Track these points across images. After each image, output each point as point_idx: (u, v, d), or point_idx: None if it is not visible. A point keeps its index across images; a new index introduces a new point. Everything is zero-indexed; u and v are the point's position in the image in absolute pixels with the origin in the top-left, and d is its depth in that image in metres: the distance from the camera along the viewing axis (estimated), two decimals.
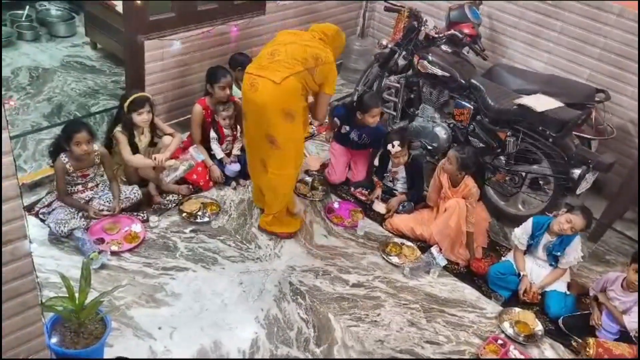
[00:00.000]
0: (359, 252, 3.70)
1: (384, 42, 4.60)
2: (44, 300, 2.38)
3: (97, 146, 3.45)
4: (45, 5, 5.73)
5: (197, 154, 3.86)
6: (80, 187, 3.50)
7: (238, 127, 4.11)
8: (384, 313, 3.27)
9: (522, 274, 3.48)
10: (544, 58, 4.58)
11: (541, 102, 3.76)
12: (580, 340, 3.20)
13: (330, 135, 4.42)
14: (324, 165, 4.38)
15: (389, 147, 3.90)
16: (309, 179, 4.25)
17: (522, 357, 3.08)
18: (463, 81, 4.10)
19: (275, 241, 3.66)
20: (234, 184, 4.08)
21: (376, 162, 4.27)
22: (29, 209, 3.46)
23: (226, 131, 4.07)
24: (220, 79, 3.90)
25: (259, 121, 3.33)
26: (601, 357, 3.02)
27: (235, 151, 4.13)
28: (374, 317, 3.23)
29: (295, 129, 3.37)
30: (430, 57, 4.20)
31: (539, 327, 3.28)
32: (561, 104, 3.77)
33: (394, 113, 4.57)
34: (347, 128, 4.19)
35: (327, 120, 4.43)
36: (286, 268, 3.48)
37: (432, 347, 3.11)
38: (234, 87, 4.36)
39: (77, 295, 2.60)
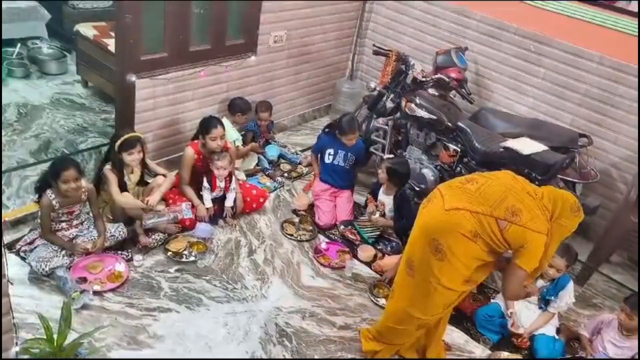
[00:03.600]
0: (346, 294, 3.65)
1: (373, 85, 4.70)
2: (20, 343, 2.31)
3: (84, 182, 3.42)
4: (37, 44, 5.78)
5: (187, 210, 3.81)
6: (64, 225, 3.44)
7: (233, 177, 4.09)
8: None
9: (510, 311, 3.45)
10: (528, 102, 4.69)
11: (527, 146, 3.83)
12: None
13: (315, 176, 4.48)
14: (311, 205, 4.38)
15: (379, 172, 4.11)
16: (296, 219, 4.24)
17: None
18: (450, 124, 4.16)
19: (263, 281, 3.61)
20: (221, 222, 4.05)
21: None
22: (10, 246, 3.40)
23: (219, 182, 4.00)
24: (211, 130, 3.86)
25: (412, 236, 2.84)
26: None
27: (229, 202, 4.05)
28: None
29: (442, 270, 2.68)
30: (417, 100, 4.27)
31: None
32: (546, 148, 3.84)
33: (382, 154, 4.61)
34: (332, 152, 4.29)
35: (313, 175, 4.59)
36: (273, 309, 3.42)
37: None
38: (232, 131, 4.40)
39: (55, 336, 2.53)
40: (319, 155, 4.45)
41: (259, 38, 4.63)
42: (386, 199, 4.12)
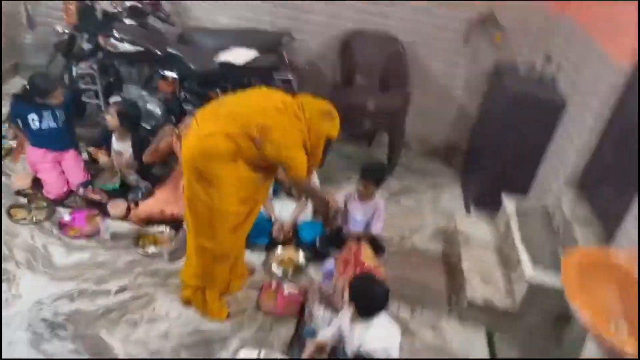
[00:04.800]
0: (111, 257, 3.42)
1: (60, 28, 4.18)
2: None
3: None
4: None
5: None
6: None
7: None
8: (158, 306, 3.13)
9: (272, 218, 3.68)
10: (228, 13, 4.72)
11: (240, 56, 3.93)
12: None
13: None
14: (36, 179, 3.85)
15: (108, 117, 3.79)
16: (24, 200, 3.69)
17: (296, 291, 3.30)
18: (159, 52, 3.99)
19: (9, 282, 3.12)
20: None
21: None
22: None
23: None
24: None
25: (183, 170, 2.83)
26: (354, 257, 3.38)
27: None
28: (149, 314, 3.07)
29: (211, 195, 2.73)
30: (116, 34, 3.95)
31: (301, 259, 3.56)
32: (257, 54, 3.99)
33: (98, 101, 4.23)
34: (34, 117, 3.78)
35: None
36: (33, 305, 3.01)
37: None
38: None
39: None
40: (19, 122, 3.84)
41: None
42: (121, 146, 3.85)
